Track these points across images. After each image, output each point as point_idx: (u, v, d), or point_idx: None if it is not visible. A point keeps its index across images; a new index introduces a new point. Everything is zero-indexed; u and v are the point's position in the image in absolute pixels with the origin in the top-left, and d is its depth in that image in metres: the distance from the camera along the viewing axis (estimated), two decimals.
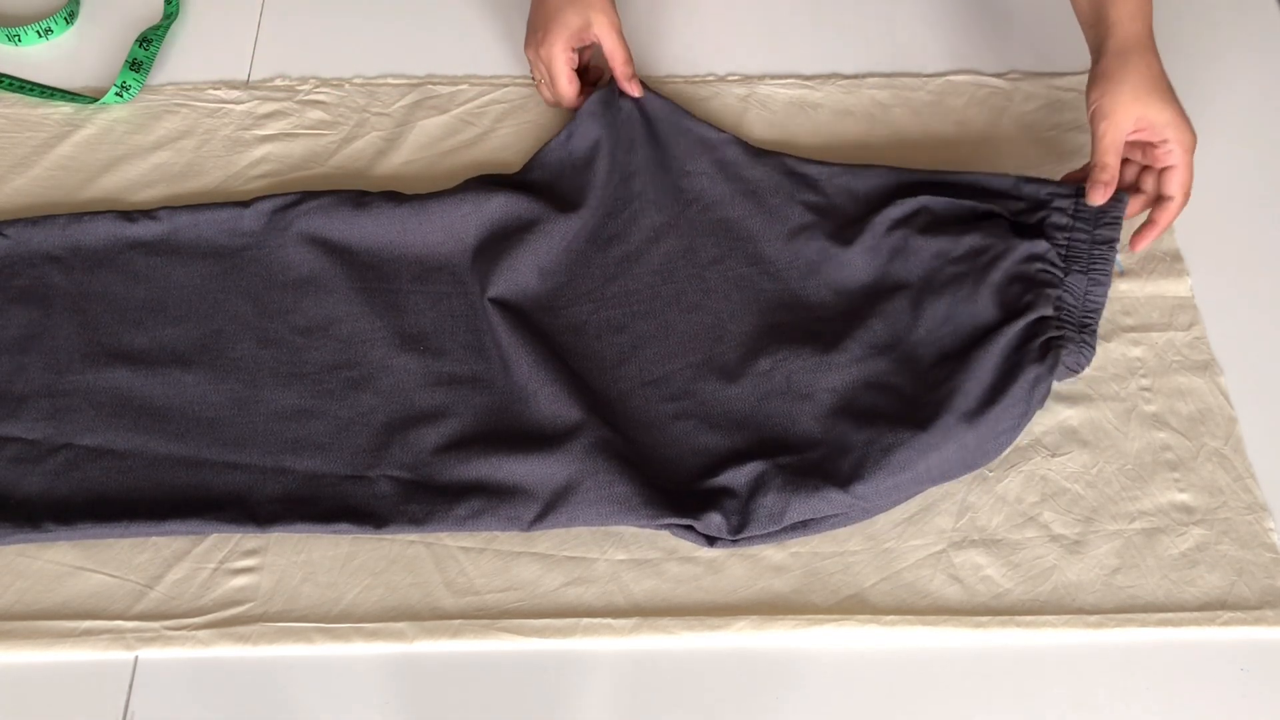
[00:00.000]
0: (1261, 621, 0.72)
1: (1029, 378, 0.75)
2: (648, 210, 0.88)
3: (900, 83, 0.97)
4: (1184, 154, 0.80)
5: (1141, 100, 0.79)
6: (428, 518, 0.75)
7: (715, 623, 0.72)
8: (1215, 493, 0.77)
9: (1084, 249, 0.81)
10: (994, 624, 0.72)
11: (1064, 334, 0.77)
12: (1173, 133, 0.79)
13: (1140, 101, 0.79)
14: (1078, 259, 0.80)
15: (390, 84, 0.97)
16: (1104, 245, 0.80)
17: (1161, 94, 0.80)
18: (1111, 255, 0.80)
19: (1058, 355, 0.76)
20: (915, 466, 0.74)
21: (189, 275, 0.85)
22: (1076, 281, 0.80)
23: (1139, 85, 0.79)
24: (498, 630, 0.72)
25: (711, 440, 0.78)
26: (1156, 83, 0.80)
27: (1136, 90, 0.79)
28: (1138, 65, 0.80)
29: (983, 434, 0.75)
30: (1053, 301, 0.78)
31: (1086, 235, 0.81)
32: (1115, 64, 0.80)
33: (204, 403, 0.80)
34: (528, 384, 0.79)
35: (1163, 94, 0.80)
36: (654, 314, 0.84)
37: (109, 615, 0.72)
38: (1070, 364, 0.77)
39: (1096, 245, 0.80)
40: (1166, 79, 0.81)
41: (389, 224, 0.86)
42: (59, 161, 0.92)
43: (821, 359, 0.80)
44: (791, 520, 0.73)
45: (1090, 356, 0.78)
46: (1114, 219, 0.81)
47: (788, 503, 0.73)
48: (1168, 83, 0.81)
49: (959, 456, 0.75)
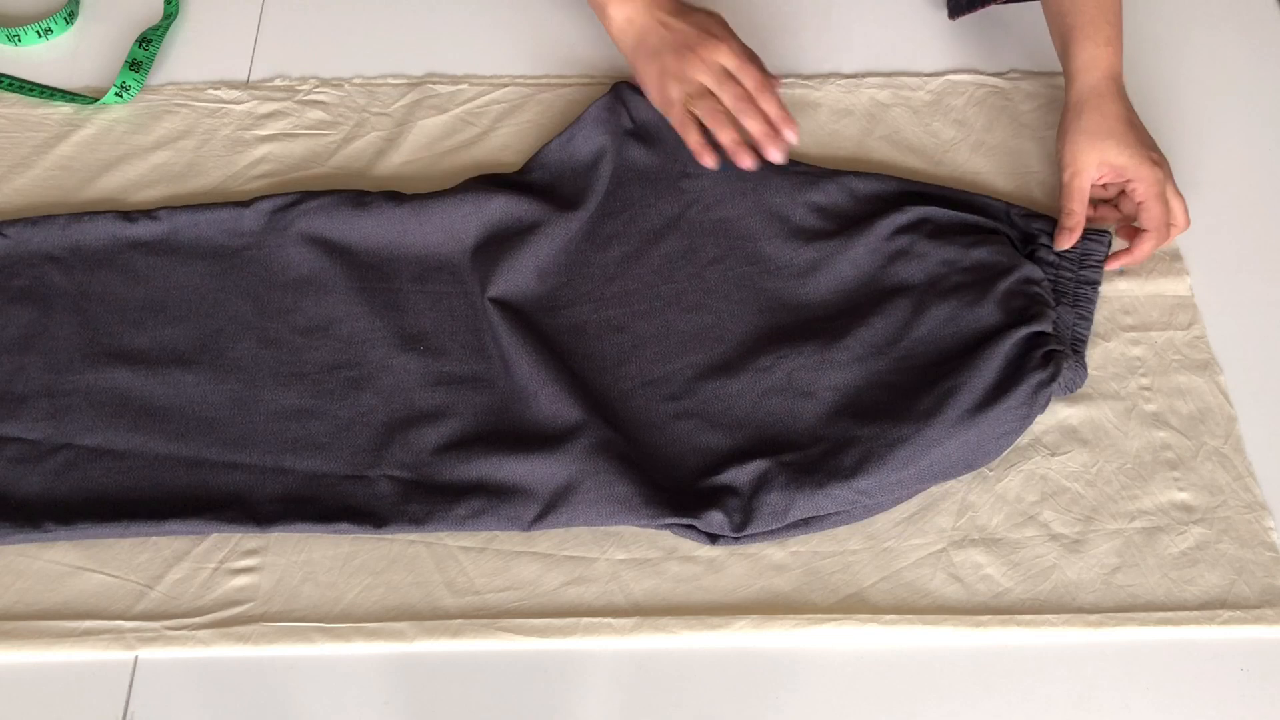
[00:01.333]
0: (1261, 620, 0.72)
1: (1033, 381, 0.75)
2: (648, 211, 0.88)
3: (900, 82, 0.97)
4: (1149, 191, 0.82)
5: (1099, 147, 0.82)
6: (428, 517, 0.75)
7: (715, 622, 0.72)
8: (1215, 492, 0.77)
9: (1070, 286, 0.83)
10: (994, 623, 0.72)
11: (1064, 350, 0.78)
12: (1134, 173, 0.82)
13: (1098, 148, 0.82)
14: (1064, 294, 0.82)
15: (390, 84, 0.97)
16: (1088, 286, 0.83)
17: (1119, 137, 0.82)
18: (1094, 295, 0.83)
19: (1060, 364, 0.76)
20: (918, 462, 0.74)
21: (189, 275, 0.85)
22: (1064, 314, 0.81)
23: (1096, 132, 0.83)
24: (498, 630, 0.72)
25: (713, 439, 0.78)
26: (1115, 126, 0.83)
27: (1093, 138, 0.83)
28: (1094, 113, 0.83)
29: (984, 432, 0.75)
30: (1050, 321, 0.79)
31: (1071, 274, 0.83)
32: (1073, 115, 0.84)
33: (204, 403, 0.80)
34: (528, 384, 0.79)
35: (1120, 137, 0.82)
36: (654, 314, 0.84)
37: (109, 615, 0.72)
38: (1064, 383, 0.78)
39: (1080, 285, 0.83)
40: (1129, 118, 0.84)
41: (389, 224, 0.86)
42: (59, 161, 0.92)
43: (823, 357, 0.80)
44: (795, 518, 0.74)
45: (1084, 378, 0.80)
46: (1096, 262, 0.84)
47: (791, 500, 0.73)
48: (1130, 122, 0.83)
49: (960, 454, 0.75)
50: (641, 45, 0.88)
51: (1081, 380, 0.79)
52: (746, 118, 0.84)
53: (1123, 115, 0.83)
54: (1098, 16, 0.85)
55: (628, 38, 0.88)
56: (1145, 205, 0.83)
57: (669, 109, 0.87)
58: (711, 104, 0.85)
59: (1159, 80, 0.97)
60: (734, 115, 0.85)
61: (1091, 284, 0.83)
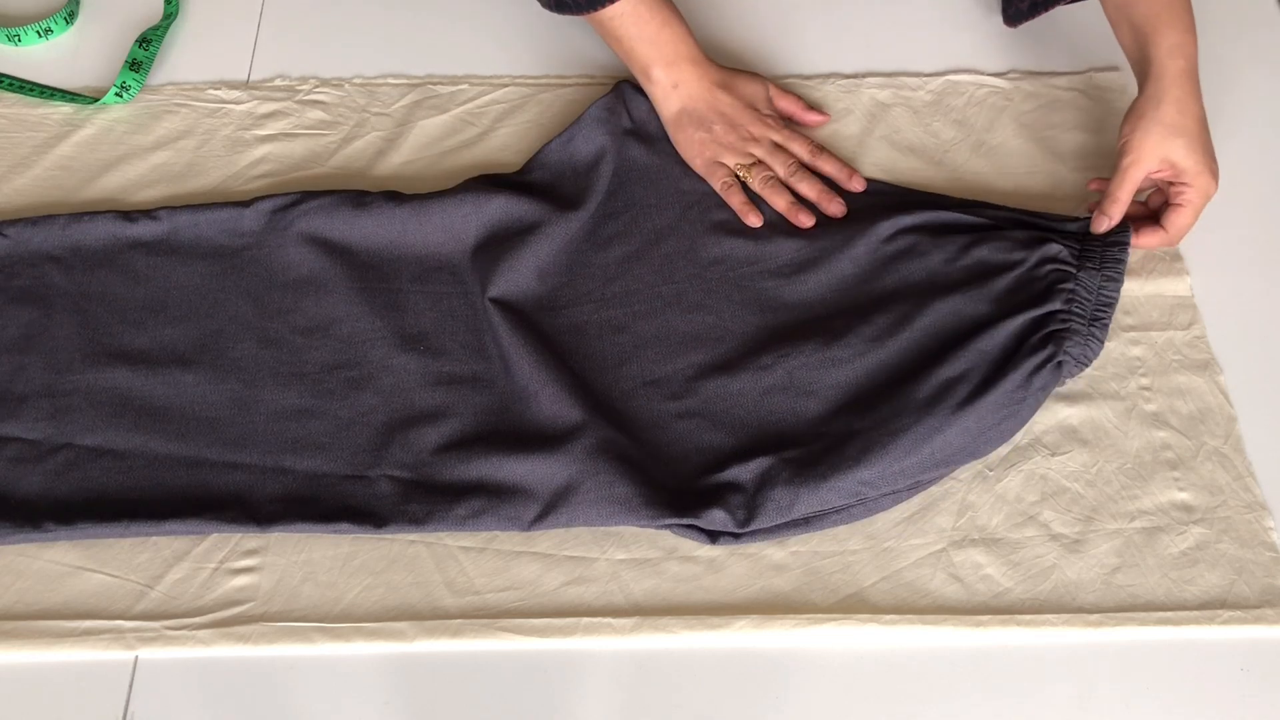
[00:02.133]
0: (1261, 620, 0.72)
1: (1031, 363, 0.76)
2: (649, 212, 0.88)
3: (900, 82, 0.97)
4: (1197, 200, 0.81)
5: (1169, 143, 0.80)
6: (428, 517, 0.75)
7: (715, 622, 0.72)
8: (1215, 492, 0.77)
9: (1097, 251, 0.81)
10: (994, 623, 0.72)
11: (1070, 325, 0.78)
12: (1193, 179, 0.81)
13: (1167, 144, 0.80)
14: (1091, 258, 0.81)
15: (390, 84, 0.97)
16: (1115, 247, 0.81)
17: (1190, 139, 0.80)
18: (1124, 257, 0.81)
19: (1060, 345, 0.76)
20: (920, 450, 0.74)
21: (189, 275, 0.85)
22: (1090, 278, 0.80)
23: (1170, 128, 0.80)
24: (498, 630, 0.72)
25: (715, 438, 0.78)
26: (1191, 126, 0.81)
27: (1166, 132, 0.80)
28: (1173, 107, 0.81)
29: (984, 418, 0.75)
30: (1064, 296, 0.78)
31: (1099, 242, 0.82)
32: (1150, 104, 0.81)
33: (204, 402, 0.80)
34: (529, 384, 0.79)
35: (1191, 139, 0.80)
36: (656, 314, 0.84)
37: (109, 615, 0.72)
38: (1076, 355, 0.77)
39: (1109, 246, 0.81)
40: (1202, 121, 0.82)
41: (389, 224, 0.86)
42: (59, 161, 0.92)
43: (824, 355, 0.80)
44: (800, 513, 0.74)
45: (1097, 350, 0.78)
46: (1119, 256, 0.82)
47: (796, 495, 0.73)
48: (1202, 125, 0.81)
49: (961, 441, 0.75)
50: (688, 113, 0.89)
51: (1095, 352, 0.78)
52: (803, 184, 0.87)
53: (1200, 117, 0.82)
54: (1176, 3, 0.83)
55: (672, 103, 0.89)
56: (1184, 211, 0.82)
57: (713, 176, 0.88)
58: (765, 174, 0.88)
59: None
60: (789, 183, 0.88)
61: (1120, 245, 0.81)
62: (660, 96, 0.90)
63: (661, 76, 0.89)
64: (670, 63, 0.89)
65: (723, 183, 0.88)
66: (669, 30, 0.89)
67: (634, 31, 0.88)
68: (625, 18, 0.87)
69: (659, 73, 0.89)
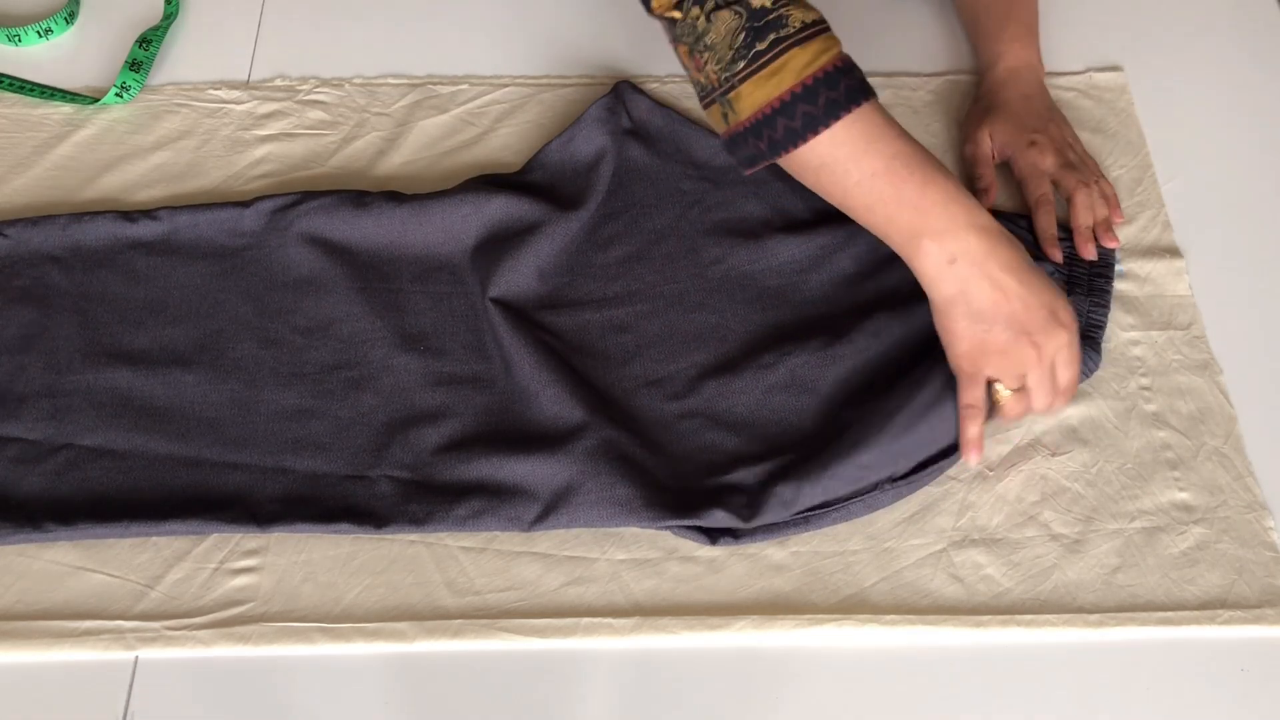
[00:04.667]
0: (1261, 620, 0.72)
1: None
2: (649, 212, 0.88)
3: (900, 82, 0.97)
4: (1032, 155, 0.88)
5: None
6: (428, 518, 0.75)
7: (715, 622, 0.72)
8: (1215, 491, 0.77)
9: (1084, 279, 0.83)
10: (994, 623, 0.72)
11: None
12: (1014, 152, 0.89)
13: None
14: (1078, 285, 0.82)
15: (390, 84, 0.97)
16: (1102, 279, 0.83)
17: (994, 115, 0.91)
18: (1109, 288, 0.82)
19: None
20: (916, 428, 0.74)
21: (189, 275, 0.85)
22: (1079, 302, 0.81)
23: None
24: (498, 630, 0.72)
25: (718, 437, 0.78)
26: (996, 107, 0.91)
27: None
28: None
29: None
30: None
31: (1085, 268, 0.83)
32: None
33: (204, 403, 0.80)
34: (530, 384, 0.79)
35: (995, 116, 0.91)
36: (657, 314, 0.84)
37: (109, 615, 0.72)
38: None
39: (1095, 276, 0.83)
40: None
41: (389, 224, 0.86)
42: (59, 161, 0.92)
43: (826, 353, 0.80)
44: (804, 505, 0.73)
45: (1097, 363, 0.79)
46: (1110, 255, 0.84)
47: (799, 489, 0.73)
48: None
49: (956, 413, 0.75)
50: (965, 300, 0.73)
51: (1095, 365, 0.79)
52: (1038, 412, 0.77)
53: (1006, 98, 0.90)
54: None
55: (947, 284, 0.73)
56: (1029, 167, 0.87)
57: (966, 387, 0.75)
58: (1021, 400, 0.76)
59: (1159, 80, 0.97)
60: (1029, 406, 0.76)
61: (1106, 272, 0.83)
62: (932, 274, 0.73)
63: (934, 249, 0.72)
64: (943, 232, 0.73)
65: (974, 395, 0.75)
66: (934, 187, 0.73)
67: (889, 193, 0.73)
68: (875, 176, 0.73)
69: (931, 244, 0.72)
